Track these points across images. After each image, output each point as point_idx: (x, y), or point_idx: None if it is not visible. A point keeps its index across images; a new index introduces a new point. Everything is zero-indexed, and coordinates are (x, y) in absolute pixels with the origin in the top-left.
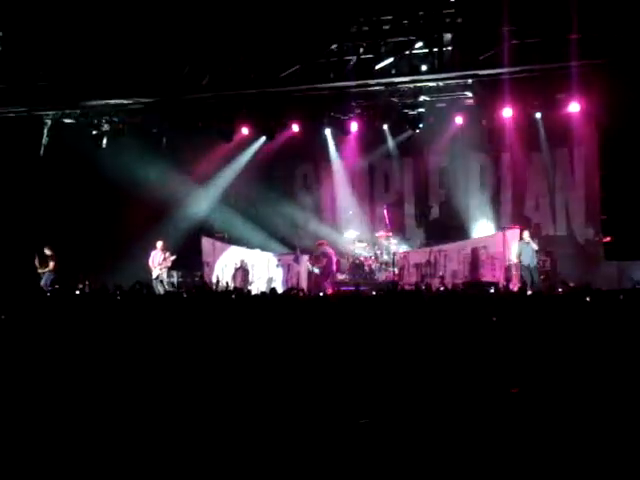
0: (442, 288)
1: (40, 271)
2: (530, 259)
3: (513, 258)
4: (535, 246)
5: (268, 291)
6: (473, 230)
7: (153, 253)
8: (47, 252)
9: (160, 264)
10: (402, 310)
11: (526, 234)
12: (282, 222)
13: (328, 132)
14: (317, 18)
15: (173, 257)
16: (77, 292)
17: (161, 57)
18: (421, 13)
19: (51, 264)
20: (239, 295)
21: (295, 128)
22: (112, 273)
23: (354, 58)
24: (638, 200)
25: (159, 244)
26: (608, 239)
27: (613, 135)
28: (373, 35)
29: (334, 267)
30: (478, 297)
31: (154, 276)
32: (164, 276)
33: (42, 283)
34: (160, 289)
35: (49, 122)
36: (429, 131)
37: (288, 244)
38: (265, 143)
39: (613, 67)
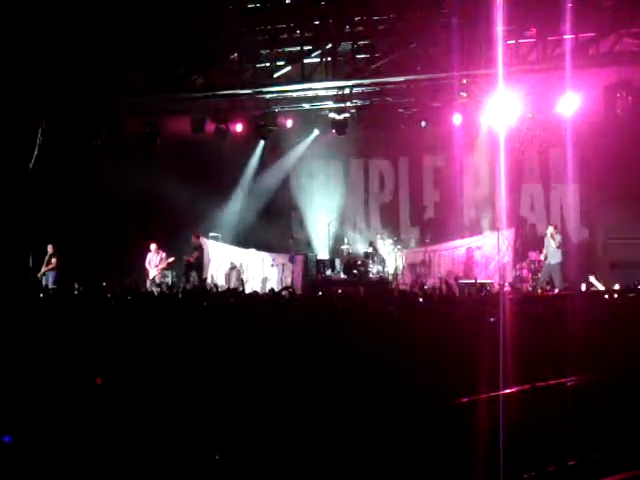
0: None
1: (44, 270)
2: (551, 257)
3: (541, 257)
4: (554, 243)
5: (262, 291)
6: (468, 230)
7: (149, 255)
8: (50, 250)
9: (157, 265)
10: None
11: (549, 230)
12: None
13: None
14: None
15: (171, 259)
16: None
17: (154, 57)
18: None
19: (53, 261)
20: (234, 295)
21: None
22: (104, 274)
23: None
24: (630, 199)
25: (153, 246)
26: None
27: (608, 135)
28: (369, 35)
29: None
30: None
31: (150, 277)
32: (158, 277)
33: (49, 282)
34: (155, 290)
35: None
36: (424, 131)
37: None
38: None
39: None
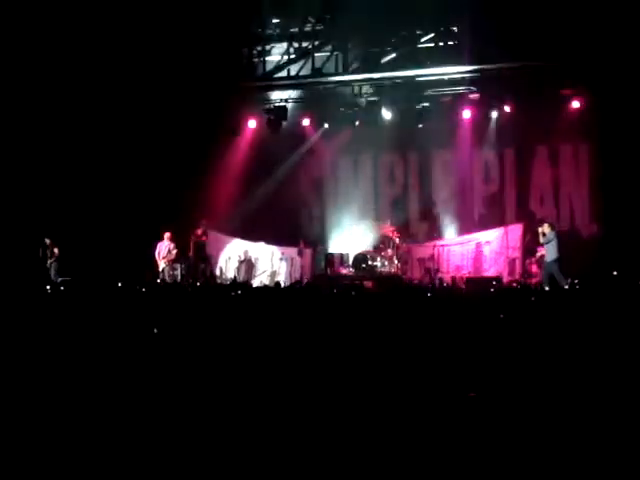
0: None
1: (50, 261)
2: (546, 254)
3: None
4: (542, 239)
5: (271, 284)
6: (477, 225)
7: (159, 245)
8: (47, 241)
9: (165, 257)
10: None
11: (542, 227)
12: None
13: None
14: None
15: (175, 251)
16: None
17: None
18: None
19: (55, 250)
20: (243, 288)
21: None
22: (113, 265)
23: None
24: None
25: (166, 235)
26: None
27: (615, 131)
28: (380, 29)
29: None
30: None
31: (160, 269)
32: (167, 269)
33: (52, 275)
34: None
35: None
36: (434, 125)
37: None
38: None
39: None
